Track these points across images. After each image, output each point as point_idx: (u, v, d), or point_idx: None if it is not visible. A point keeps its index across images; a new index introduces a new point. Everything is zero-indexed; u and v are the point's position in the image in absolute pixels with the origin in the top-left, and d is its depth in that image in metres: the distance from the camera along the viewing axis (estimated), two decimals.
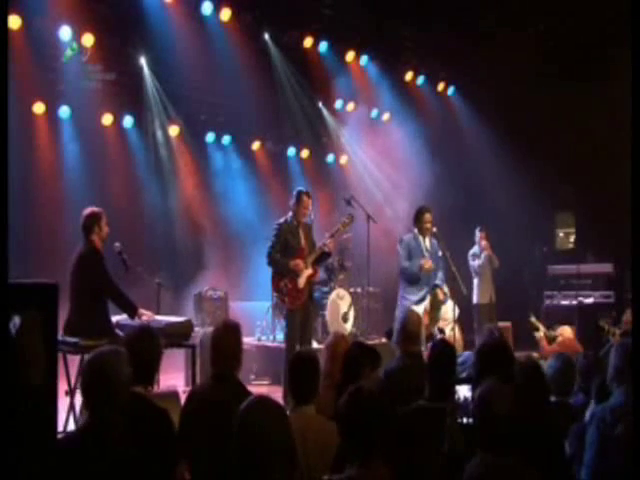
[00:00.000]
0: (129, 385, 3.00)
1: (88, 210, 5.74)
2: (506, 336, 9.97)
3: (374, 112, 11.73)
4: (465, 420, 2.84)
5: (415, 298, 7.35)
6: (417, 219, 7.59)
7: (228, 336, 3.80)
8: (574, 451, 3.44)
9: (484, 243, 9.85)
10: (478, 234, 9.95)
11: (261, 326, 9.11)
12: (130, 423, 2.97)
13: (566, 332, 7.70)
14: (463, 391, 2.87)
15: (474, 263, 9.92)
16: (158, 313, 6.24)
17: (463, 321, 8.99)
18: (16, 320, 3.46)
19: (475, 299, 9.88)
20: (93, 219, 5.66)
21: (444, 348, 3.92)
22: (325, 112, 11.48)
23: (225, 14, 9.42)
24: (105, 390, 2.85)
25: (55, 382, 3.71)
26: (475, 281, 9.93)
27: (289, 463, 2.44)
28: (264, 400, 2.55)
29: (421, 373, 4.02)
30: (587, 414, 3.67)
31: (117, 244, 6.01)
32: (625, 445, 3.15)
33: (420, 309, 7.08)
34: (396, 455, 2.84)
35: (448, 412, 2.86)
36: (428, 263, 7.34)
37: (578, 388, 4.20)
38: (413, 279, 7.40)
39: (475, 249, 9.98)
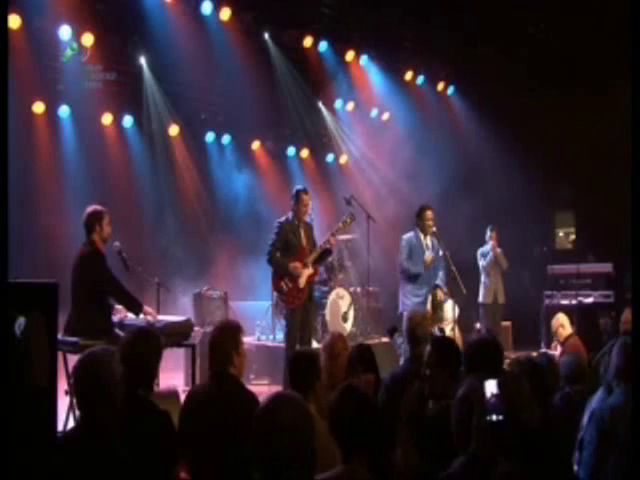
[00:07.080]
0: (122, 384, 2.97)
1: (90, 208, 5.62)
2: (506, 336, 10.05)
3: (374, 112, 11.73)
4: (495, 418, 2.59)
5: (417, 300, 7.40)
6: (419, 217, 7.64)
7: (225, 336, 3.78)
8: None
9: (492, 243, 9.86)
10: (489, 233, 9.95)
11: (261, 326, 9.10)
12: (130, 425, 2.96)
13: (561, 318, 7.03)
14: (490, 387, 2.64)
15: (481, 262, 9.95)
16: (158, 313, 6.24)
17: (463, 321, 9.02)
18: (21, 321, 3.45)
19: (480, 298, 9.91)
20: (94, 218, 5.55)
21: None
22: (325, 112, 11.48)
23: (225, 13, 9.43)
24: (98, 390, 2.81)
25: (55, 382, 3.71)
26: (482, 280, 9.96)
27: (308, 465, 2.26)
28: (290, 397, 2.36)
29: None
30: (586, 412, 3.66)
31: (117, 243, 5.96)
32: (624, 444, 3.15)
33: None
34: (387, 457, 2.79)
35: (475, 410, 2.68)
36: (429, 258, 7.42)
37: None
38: (413, 277, 7.48)
39: (485, 248, 10.01)
